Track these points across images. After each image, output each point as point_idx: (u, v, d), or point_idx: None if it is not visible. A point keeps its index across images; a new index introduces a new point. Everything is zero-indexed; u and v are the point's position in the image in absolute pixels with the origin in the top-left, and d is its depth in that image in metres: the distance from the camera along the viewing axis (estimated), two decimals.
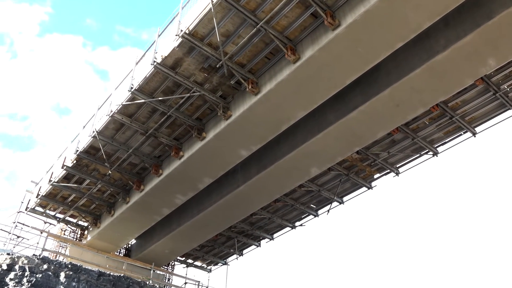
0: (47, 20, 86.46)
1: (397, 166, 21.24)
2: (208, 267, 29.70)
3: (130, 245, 27.06)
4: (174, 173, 19.66)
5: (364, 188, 22.49)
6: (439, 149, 19.83)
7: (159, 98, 17.09)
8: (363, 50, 14.26)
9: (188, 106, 17.70)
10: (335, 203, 23.37)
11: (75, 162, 20.60)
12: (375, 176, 22.04)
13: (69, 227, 25.66)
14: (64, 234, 25.58)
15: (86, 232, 25.36)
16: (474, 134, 18.69)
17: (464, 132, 18.93)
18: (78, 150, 20.12)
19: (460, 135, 19.12)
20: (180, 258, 28.46)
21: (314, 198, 23.48)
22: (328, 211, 23.68)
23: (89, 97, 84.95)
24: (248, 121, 17.01)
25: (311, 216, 24.74)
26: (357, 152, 19.65)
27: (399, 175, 21.33)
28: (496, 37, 13.76)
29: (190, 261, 29.09)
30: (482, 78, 16.08)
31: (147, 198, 21.29)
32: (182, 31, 14.72)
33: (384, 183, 24.52)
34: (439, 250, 66.71)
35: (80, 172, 21.24)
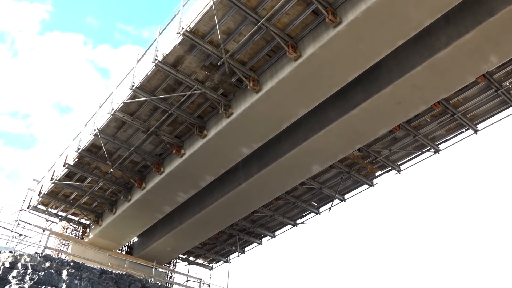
0: (47, 18, 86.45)
1: (398, 164, 21.22)
2: (210, 265, 29.75)
3: (132, 243, 27.11)
4: (176, 171, 19.69)
5: (365, 186, 22.50)
6: (441, 146, 19.82)
7: (161, 96, 17.11)
8: (364, 48, 14.24)
9: (189, 104, 17.71)
10: (336, 201, 23.40)
11: (76, 160, 20.65)
12: (377, 174, 22.04)
13: (71, 225, 25.74)
14: (66, 232, 25.66)
15: (88, 230, 25.42)
16: (475, 131, 18.67)
17: (466, 130, 18.91)
18: (79, 148, 20.17)
19: (462, 132, 19.10)
20: (181, 256, 28.50)
21: (315, 195, 23.48)
22: (330, 208, 23.73)
23: (90, 95, 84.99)
24: (249, 119, 17.02)
25: (313, 214, 24.76)
26: (358, 149, 19.64)
27: (401, 172, 21.33)
28: (498, 34, 13.73)
29: (191, 258, 29.14)
30: (484, 75, 16.05)
31: (148, 196, 21.33)
32: (183, 29, 14.72)
33: (385, 180, 24.57)
34: (441, 247, 66.71)
35: (82, 170, 21.30)
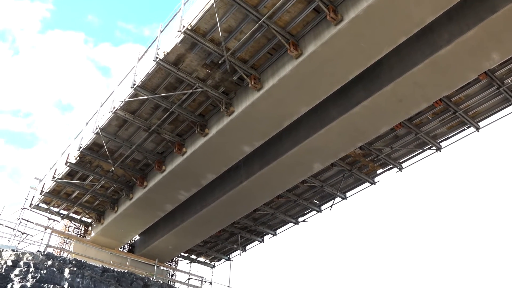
0: (48, 16, 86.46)
1: (400, 162, 21.19)
2: (212, 263, 29.78)
3: (133, 241, 27.15)
4: (177, 169, 19.70)
5: (367, 184, 22.47)
6: (442, 144, 19.77)
7: (162, 95, 17.10)
8: (365, 45, 14.20)
9: (190, 102, 17.70)
10: (338, 199, 23.38)
11: (78, 158, 20.67)
12: (378, 172, 22.02)
13: (73, 224, 25.79)
14: (68, 231, 25.72)
15: (90, 228, 25.46)
16: (477, 129, 18.62)
17: (468, 127, 18.86)
18: (81, 147, 20.19)
19: (464, 130, 19.05)
20: (183, 254, 28.54)
21: (317, 193, 23.47)
22: (331, 206, 23.72)
23: (91, 93, 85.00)
24: (251, 117, 17.00)
25: (314, 212, 24.75)
26: (360, 147, 19.61)
27: (402, 170, 21.29)
28: (500, 31, 13.67)
29: (193, 257, 29.18)
30: (485, 72, 15.99)
31: (150, 194, 21.35)
32: (184, 27, 14.70)
33: (387, 178, 24.53)
34: (442, 245, 66.70)
35: (84, 169, 21.32)
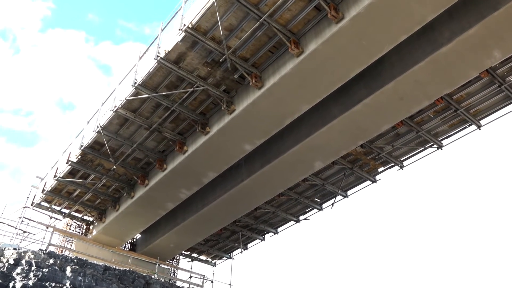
0: (49, 15, 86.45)
1: (401, 160, 21.17)
2: (213, 261, 29.83)
3: (135, 239, 27.19)
4: (179, 167, 19.71)
5: (368, 182, 22.46)
6: (444, 142, 19.75)
7: (163, 93, 17.11)
8: (367, 43, 14.18)
9: (191, 100, 17.70)
10: (339, 197, 23.37)
11: (79, 157, 20.69)
12: (379, 170, 22.01)
13: (74, 222, 25.84)
14: (69, 229, 25.77)
15: (91, 226, 25.51)
16: (479, 127, 18.60)
17: (469, 125, 18.83)
18: (82, 146, 20.20)
19: (465, 128, 19.03)
20: (185, 252, 28.58)
21: (318, 192, 23.48)
22: (332, 205, 23.71)
23: (92, 92, 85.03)
24: (252, 115, 17.00)
25: (315, 210, 24.76)
26: (361, 145, 19.60)
27: (404, 168, 21.28)
28: (502, 28, 13.63)
29: (195, 255, 29.22)
30: (487, 70, 15.95)
31: (151, 193, 21.37)
32: (185, 25, 14.69)
33: (388, 176, 24.46)
34: (443, 243, 66.66)
35: (85, 167, 21.34)
